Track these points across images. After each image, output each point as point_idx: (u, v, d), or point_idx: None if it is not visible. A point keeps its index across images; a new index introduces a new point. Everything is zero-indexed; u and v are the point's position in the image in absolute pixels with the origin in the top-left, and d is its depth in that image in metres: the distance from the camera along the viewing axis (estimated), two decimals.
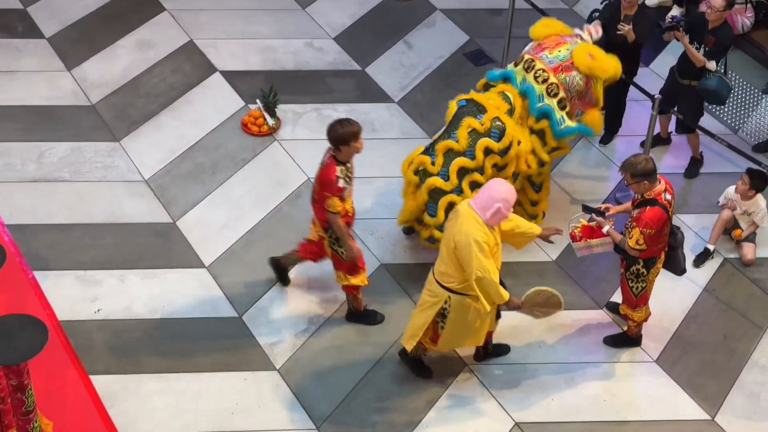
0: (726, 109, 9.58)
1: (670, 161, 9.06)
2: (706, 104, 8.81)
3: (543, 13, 9.48)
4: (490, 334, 7.26)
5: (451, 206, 7.48)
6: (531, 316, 7.12)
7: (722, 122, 9.37)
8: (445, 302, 6.76)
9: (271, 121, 9.17)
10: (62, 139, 9.10)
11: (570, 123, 7.79)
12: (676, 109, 8.62)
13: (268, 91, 9.21)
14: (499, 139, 7.56)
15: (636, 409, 7.24)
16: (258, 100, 9.28)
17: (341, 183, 6.93)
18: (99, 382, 7.17)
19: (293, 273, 7.95)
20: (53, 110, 9.41)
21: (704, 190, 8.84)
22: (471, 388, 7.28)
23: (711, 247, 8.24)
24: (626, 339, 7.59)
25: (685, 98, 8.57)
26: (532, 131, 7.79)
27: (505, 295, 6.65)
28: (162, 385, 7.22)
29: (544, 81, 7.67)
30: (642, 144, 8.94)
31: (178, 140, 9.13)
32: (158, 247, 8.21)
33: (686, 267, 7.35)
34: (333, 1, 10.91)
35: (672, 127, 9.10)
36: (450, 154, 7.60)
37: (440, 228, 7.53)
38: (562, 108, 7.73)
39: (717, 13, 8.18)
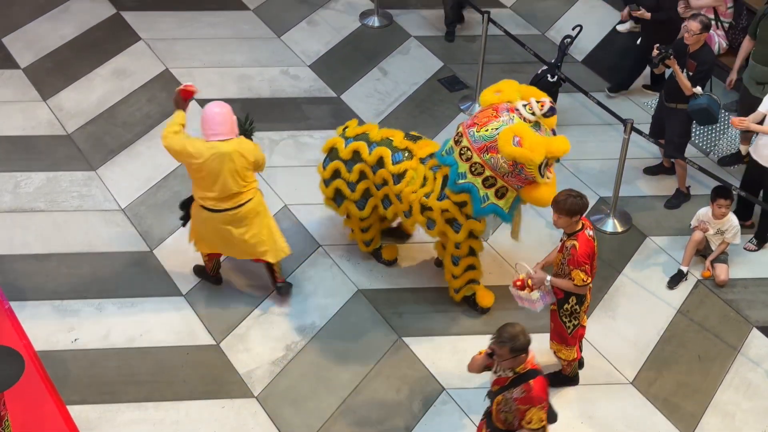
0: (697, 132, 9.70)
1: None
2: (694, 127, 8.85)
3: (515, 39, 9.59)
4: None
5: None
6: None
7: (694, 145, 9.47)
8: None
9: None
10: (38, 169, 9.10)
11: (496, 201, 7.20)
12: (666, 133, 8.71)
13: (244, 118, 9.21)
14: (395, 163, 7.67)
15: (613, 431, 7.28)
16: None
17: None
18: (76, 411, 7.14)
19: (271, 298, 7.99)
20: (29, 140, 9.41)
21: (677, 212, 8.93)
22: (448, 413, 7.30)
23: (685, 269, 8.31)
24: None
25: (673, 121, 8.63)
26: (454, 202, 7.45)
27: None
28: (140, 414, 7.20)
29: (468, 159, 7.15)
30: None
31: (155, 169, 9.15)
32: (135, 275, 8.21)
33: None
34: (308, 29, 10.99)
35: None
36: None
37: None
38: (490, 186, 7.15)
39: (694, 36, 8.28)
